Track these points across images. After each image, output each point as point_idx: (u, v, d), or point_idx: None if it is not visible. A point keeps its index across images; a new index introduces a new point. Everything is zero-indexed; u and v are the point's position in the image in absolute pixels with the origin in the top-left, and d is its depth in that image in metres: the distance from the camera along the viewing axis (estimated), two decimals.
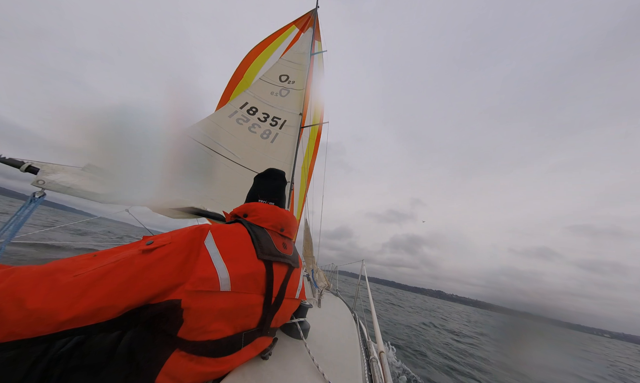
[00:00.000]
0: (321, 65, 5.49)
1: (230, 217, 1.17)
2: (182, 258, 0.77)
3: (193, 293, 0.75)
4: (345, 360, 1.33)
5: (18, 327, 0.56)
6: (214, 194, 2.79)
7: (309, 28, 5.24)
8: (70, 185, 1.52)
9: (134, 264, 0.69)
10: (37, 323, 0.57)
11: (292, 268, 1.14)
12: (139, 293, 0.69)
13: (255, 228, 1.03)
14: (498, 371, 5.82)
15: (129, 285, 0.67)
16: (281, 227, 1.14)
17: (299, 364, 1.14)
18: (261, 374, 0.99)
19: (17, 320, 0.56)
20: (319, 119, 5.55)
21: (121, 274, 0.67)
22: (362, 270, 3.31)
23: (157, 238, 0.79)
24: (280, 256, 1.05)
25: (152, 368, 0.75)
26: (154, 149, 1.27)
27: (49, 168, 1.55)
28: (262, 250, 0.97)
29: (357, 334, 1.81)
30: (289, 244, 1.19)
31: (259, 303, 0.96)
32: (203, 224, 0.90)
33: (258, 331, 1.00)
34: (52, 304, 0.58)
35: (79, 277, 0.63)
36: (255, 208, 1.12)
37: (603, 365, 10.93)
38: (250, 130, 3.68)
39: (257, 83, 4.09)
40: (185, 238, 0.81)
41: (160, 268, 0.72)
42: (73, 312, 0.60)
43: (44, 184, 1.46)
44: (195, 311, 0.77)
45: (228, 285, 0.83)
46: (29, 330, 0.57)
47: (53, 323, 0.58)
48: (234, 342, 0.91)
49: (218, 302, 0.81)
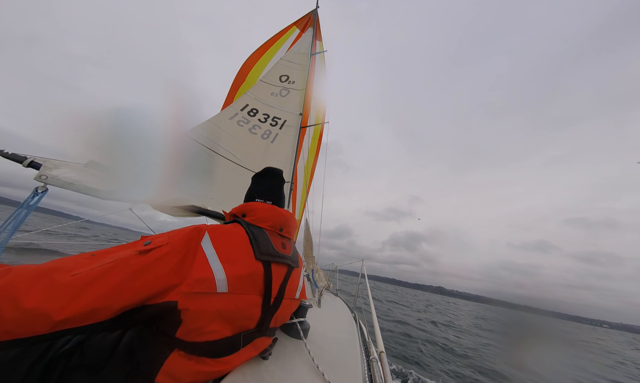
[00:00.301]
0: (322, 65, 5.49)
1: (229, 216, 1.17)
2: (179, 260, 0.77)
3: (189, 294, 0.75)
4: (345, 360, 1.33)
5: (14, 326, 0.56)
6: (215, 194, 2.80)
7: (309, 28, 5.25)
8: (72, 180, 1.52)
9: (130, 265, 0.69)
10: (33, 323, 0.57)
11: (291, 269, 1.13)
12: (134, 295, 0.68)
13: (253, 229, 1.03)
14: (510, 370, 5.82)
15: (125, 287, 0.66)
16: (280, 227, 1.13)
17: (299, 364, 1.14)
18: (261, 374, 0.99)
19: (13, 319, 0.56)
20: (321, 118, 5.55)
21: (117, 275, 0.66)
22: (362, 269, 3.31)
23: (154, 239, 0.78)
24: (279, 256, 1.04)
25: (151, 367, 0.76)
26: (156, 149, 1.27)
27: (52, 164, 1.54)
28: (260, 251, 0.97)
29: (357, 334, 1.81)
30: (289, 244, 1.18)
31: (258, 304, 0.96)
32: (200, 225, 0.90)
33: (257, 331, 1.00)
34: (48, 304, 0.58)
35: (75, 276, 0.63)
36: (253, 208, 1.11)
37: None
38: (250, 131, 3.69)
39: (258, 85, 4.10)
40: (183, 239, 0.80)
41: (156, 270, 0.71)
42: (68, 312, 0.59)
43: (46, 179, 1.45)
44: (193, 312, 0.76)
45: (225, 286, 0.82)
46: (25, 330, 0.57)
47: (48, 323, 0.58)
48: (233, 343, 0.91)
49: (215, 304, 0.81)
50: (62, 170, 1.53)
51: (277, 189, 1.27)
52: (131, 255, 0.71)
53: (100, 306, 0.63)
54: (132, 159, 1.23)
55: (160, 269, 0.72)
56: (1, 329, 0.55)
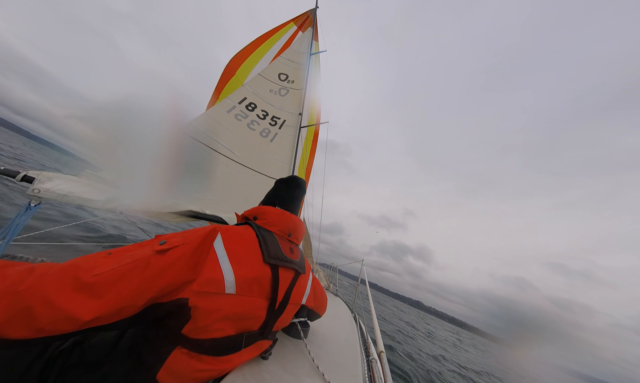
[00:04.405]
0: (318, 65, 5.46)
1: (241, 218, 1.18)
2: (196, 258, 0.79)
3: (199, 293, 0.76)
4: (346, 361, 1.33)
5: (47, 324, 0.58)
6: (214, 194, 2.77)
7: (308, 28, 5.23)
8: (66, 192, 1.49)
9: (150, 265, 0.71)
10: (64, 322, 0.60)
11: (298, 274, 1.12)
12: (157, 292, 0.72)
13: (263, 232, 1.03)
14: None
15: (147, 286, 0.69)
16: (289, 232, 1.13)
17: (299, 364, 1.13)
18: (261, 374, 0.98)
19: (46, 317, 0.58)
20: (315, 119, 5.50)
21: (139, 275, 0.69)
22: (361, 272, 3.31)
23: (169, 239, 0.79)
24: (286, 261, 1.04)
25: (154, 364, 0.76)
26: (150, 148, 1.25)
27: (45, 176, 1.52)
28: (269, 254, 0.96)
29: (357, 334, 1.81)
30: (296, 249, 1.18)
31: (263, 307, 0.96)
32: (215, 225, 0.92)
33: (260, 334, 1.00)
34: (77, 304, 0.60)
35: (98, 276, 0.65)
36: (265, 211, 1.12)
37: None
38: (249, 127, 3.64)
39: (256, 78, 4.02)
40: (198, 239, 0.82)
41: (176, 269, 0.75)
42: (97, 312, 0.62)
43: (39, 193, 1.43)
44: (201, 311, 0.77)
45: (233, 287, 0.83)
46: (56, 328, 0.60)
47: (78, 322, 0.61)
48: (234, 343, 0.91)
49: (222, 304, 0.82)
50: (55, 183, 1.51)
51: (298, 199, 1.27)
52: (150, 254, 0.73)
53: (127, 304, 0.67)
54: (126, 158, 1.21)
55: (179, 268, 0.75)
56: (35, 326, 0.58)
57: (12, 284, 0.59)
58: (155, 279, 0.71)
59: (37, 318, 0.57)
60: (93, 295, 0.63)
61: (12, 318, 0.56)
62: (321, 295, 1.48)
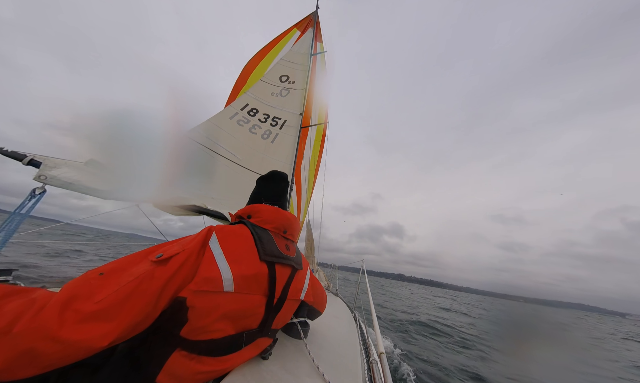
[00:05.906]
0: (323, 65, 5.49)
1: (235, 218, 1.18)
2: (195, 260, 0.80)
3: (197, 292, 0.76)
4: (346, 361, 1.33)
5: (58, 361, 0.58)
6: (215, 193, 2.79)
7: (309, 29, 5.25)
8: (72, 180, 1.48)
9: (155, 277, 0.71)
10: (79, 352, 0.59)
11: (295, 270, 1.13)
12: (169, 301, 0.74)
13: (258, 230, 1.03)
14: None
15: (159, 297, 0.71)
16: (284, 229, 1.14)
17: (299, 364, 1.14)
18: (261, 374, 0.99)
19: (57, 354, 0.57)
20: (323, 118, 5.54)
21: (147, 289, 0.69)
22: (362, 270, 3.30)
23: (165, 250, 0.79)
24: (282, 257, 1.05)
25: (153, 367, 0.76)
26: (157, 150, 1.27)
27: (52, 162, 1.50)
28: (264, 252, 0.97)
29: (357, 334, 1.81)
30: (292, 246, 1.19)
31: (262, 304, 0.96)
32: (209, 226, 0.93)
33: (259, 332, 1.01)
34: (89, 333, 0.59)
35: (101, 302, 0.63)
36: (259, 210, 1.12)
37: None
38: (250, 131, 3.69)
39: (258, 84, 4.09)
40: (199, 242, 0.83)
41: (183, 276, 0.76)
42: (113, 335, 0.62)
43: (45, 179, 1.41)
44: (199, 310, 0.78)
45: (231, 285, 0.83)
46: (68, 361, 0.59)
47: (95, 349, 0.60)
48: (234, 342, 0.92)
49: (221, 303, 0.82)
50: (61, 170, 1.50)
51: (283, 192, 1.28)
52: (151, 267, 0.73)
53: (140, 320, 0.68)
54: (133, 159, 1.23)
55: (186, 274, 0.77)
56: (42, 364, 0.57)
57: (7, 325, 0.55)
58: (165, 289, 0.72)
59: (43, 357, 0.56)
60: (102, 320, 0.61)
61: (13, 361, 0.54)
62: (320, 291, 1.48)
